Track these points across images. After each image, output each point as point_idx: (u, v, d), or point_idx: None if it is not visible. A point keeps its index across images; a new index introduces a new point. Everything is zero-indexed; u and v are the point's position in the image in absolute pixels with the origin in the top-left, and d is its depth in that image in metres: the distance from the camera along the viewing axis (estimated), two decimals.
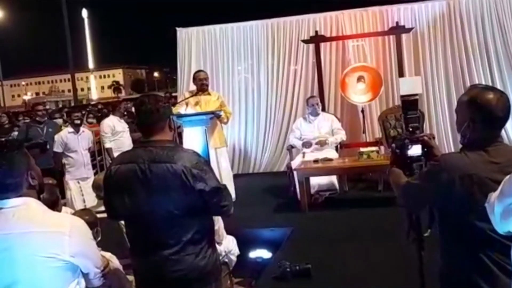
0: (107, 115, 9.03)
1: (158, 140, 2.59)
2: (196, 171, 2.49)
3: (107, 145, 7.54)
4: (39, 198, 2.07)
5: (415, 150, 2.45)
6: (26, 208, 1.96)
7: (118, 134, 7.64)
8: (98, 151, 9.09)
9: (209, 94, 6.85)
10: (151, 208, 2.53)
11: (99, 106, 20.30)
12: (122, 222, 2.99)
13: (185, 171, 2.47)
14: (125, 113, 8.31)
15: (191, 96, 6.72)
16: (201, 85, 6.71)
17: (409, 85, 2.90)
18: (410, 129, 2.55)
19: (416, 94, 2.76)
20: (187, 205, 2.51)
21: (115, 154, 7.14)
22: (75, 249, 1.96)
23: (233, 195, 6.78)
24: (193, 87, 7.04)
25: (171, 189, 2.49)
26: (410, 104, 2.67)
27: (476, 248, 2.01)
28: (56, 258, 1.91)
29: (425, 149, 2.45)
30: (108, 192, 2.68)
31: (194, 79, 6.93)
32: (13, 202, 1.96)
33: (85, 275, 2.09)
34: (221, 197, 2.58)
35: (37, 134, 7.42)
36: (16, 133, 9.08)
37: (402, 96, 2.77)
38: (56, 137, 7.04)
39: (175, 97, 11.43)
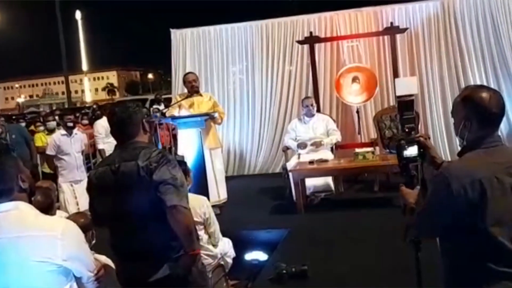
0: (101, 117, 8.93)
1: (133, 142, 2.68)
2: (154, 165, 2.53)
3: (100, 146, 7.41)
4: (30, 202, 2.04)
5: (411, 151, 2.44)
6: (18, 212, 1.95)
7: (110, 136, 7.52)
8: (92, 154, 9.04)
9: (200, 95, 6.83)
10: (123, 209, 2.57)
11: (94, 106, 20.21)
12: None
13: (144, 166, 2.53)
14: None
15: (183, 99, 6.70)
16: (191, 87, 6.69)
17: (405, 85, 2.90)
18: (406, 130, 2.54)
19: (412, 95, 2.75)
20: (153, 205, 2.51)
21: None
22: (68, 253, 1.94)
23: (225, 195, 6.79)
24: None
25: (136, 187, 2.53)
26: (406, 104, 2.65)
27: (486, 258, 1.96)
28: (48, 262, 1.89)
29: (421, 150, 2.43)
30: (90, 196, 2.76)
31: (184, 82, 6.89)
32: (4, 206, 1.94)
33: (78, 279, 2.07)
34: (169, 194, 2.49)
35: (7, 143, 7.27)
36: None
37: (398, 97, 2.77)
38: (49, 139, 6.98)
39: (169, 99, 11.39)
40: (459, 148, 2.18)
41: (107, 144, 7.46)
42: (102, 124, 7.68)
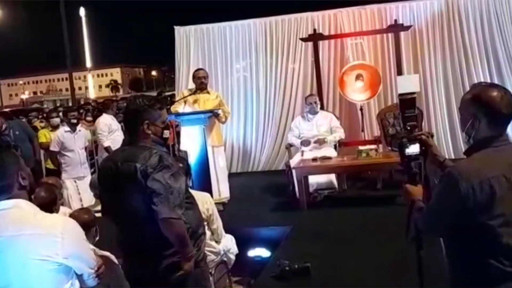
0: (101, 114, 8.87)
1: (138, 140, 2.70)
2: (150, 170, 2.55)
3: (106, 143, 7.35)
4: (30, 199, 2.04)
5: (413, 149, 2.43)
6: (17, 210, 1.94)
7: (113, 132, 7.48)
8: (95, 150, 9.05)
9: (208, 92, 6.82)
10: (121, 206, 2.64)
11: (92, 104, 20.20)
12: None
13: (141, 169, 2.55)
14: (117, 111, 7.99)
15: (190, 94, 6.70)
16: (200, 84, 6.69)
17: (407, 83, 2.90)
18: (408, 128, 2.53)
19: (414, 93, 2.74)
20: (148, 205, 2.55)
21: None
22: (68, 251, 1.93)
23: (228, 194, 6.80)
24: (192, 85, 7.02)
25: (132, 188, 2.57)
26: (408, 102, 2.63)
27: (494, 258, 1.95)
28: (49, 261, 1.89)
29: (423, 148, 2.42)
30: (99, 188, 2.87)
31: (194, 77, 6.90)
32: (4, 204, 1.93)
33: (79, 276, 2.07)
34: (160, 205, 2.52)
35: (8, 140, 7.24)
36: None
37: (400, 95, 2.75)
38: (53, 136, 6.98)
39: (173, 96, 11.40)
40: (463, 145, 2.18)
41: (111, 140, 7.42)
42: (104, 122, 7.63)
